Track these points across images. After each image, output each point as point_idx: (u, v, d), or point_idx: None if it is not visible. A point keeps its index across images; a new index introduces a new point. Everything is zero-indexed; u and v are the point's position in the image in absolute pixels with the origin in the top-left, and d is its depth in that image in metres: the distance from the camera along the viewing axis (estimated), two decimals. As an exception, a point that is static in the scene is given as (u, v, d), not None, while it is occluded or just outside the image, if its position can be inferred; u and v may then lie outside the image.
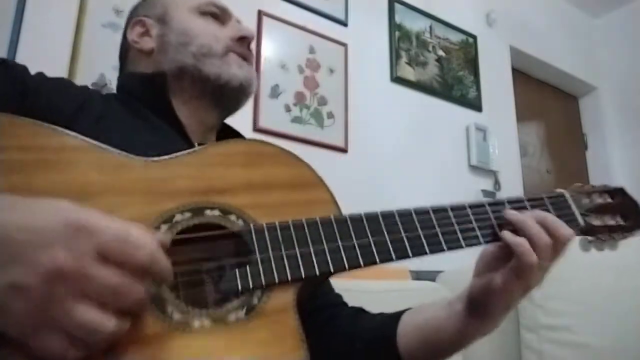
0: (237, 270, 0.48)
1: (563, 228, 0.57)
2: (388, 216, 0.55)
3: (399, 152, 2.20)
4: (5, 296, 0.35)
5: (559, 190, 0.64)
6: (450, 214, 0.58)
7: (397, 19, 2.38)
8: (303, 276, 0.48)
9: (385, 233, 0.54)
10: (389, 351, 0.65)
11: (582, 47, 3.36)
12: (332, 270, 0.50)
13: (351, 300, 0.77)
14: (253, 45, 1.99)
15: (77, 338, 0.36)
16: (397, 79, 2.29)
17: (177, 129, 0.71)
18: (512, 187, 2.60)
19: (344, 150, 2.01)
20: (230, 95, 0.75)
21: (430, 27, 2.53)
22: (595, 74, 3.36)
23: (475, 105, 2.57)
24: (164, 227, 0.47)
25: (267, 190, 0.53)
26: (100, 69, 1.50)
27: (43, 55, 1.35)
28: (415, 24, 2.46)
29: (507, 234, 0.57)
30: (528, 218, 0.57)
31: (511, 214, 0.58)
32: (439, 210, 0.58)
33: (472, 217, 0.58)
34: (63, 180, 0.46)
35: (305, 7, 2.05)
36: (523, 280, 0.55)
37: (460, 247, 0.56)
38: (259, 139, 0.58)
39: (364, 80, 2.19)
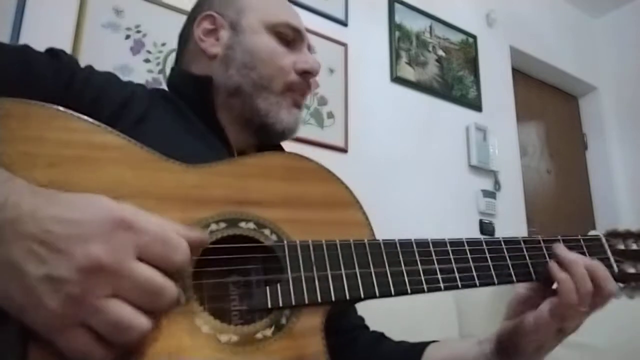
0: (267, 287, 0.47)
1: (611, 283, 0.56)
2: (422, 245, 0.54)
3: (399, 152, 2.20)
4: (40, 288, 0.34)
5: (595, 232, 0.64)
6: (485, 247, 0.57)
7: (397, 19, 2.38)
8: (333, 299, 0.48)
9: (419, 263, 0.53)
10: None
11: (582, 47, 3.36)
12: (362, 296, 0.49)
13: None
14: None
15: (105, 336, 0.35)
16: (397, 79, 2.29)
17: (220, 137, 0.70)
18: (512, 187, 2.60)
19: (344, 150, 2.01)
20: (270, 134, 0.74)
21: (430, 27, 2.52)
22: (595, 74, 3.36)
23: (475, 105, 2.57)
24: None
25: (303, 206, 0.53)
26: (100, 69, 1.50)
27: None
28: (415, 24, 2.45)
29: (554, 267, 0.56)
30: (579, 259, 0.56)
31: (563, 250, 0.57)
32: (473, 243, 0.57)
33: (507, 255, 0.57)
34: (100, 179, 0.45)
35: (305, 7, 2.05)
36: (556, 320, 0.54)
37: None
38: (298, 154, 0.57)
39: (364, 80, 2.19)
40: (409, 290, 0.51)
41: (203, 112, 0.70)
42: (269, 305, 0.46)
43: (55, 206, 0.37)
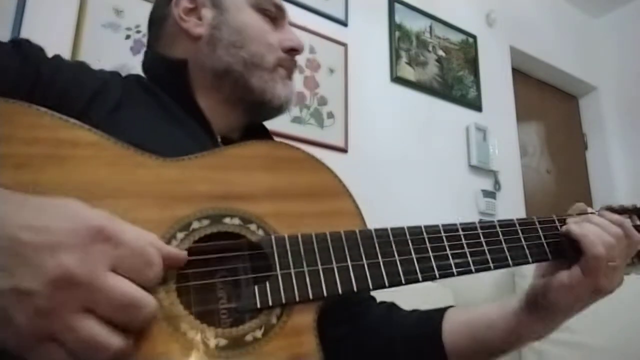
0: (256, 286, 0.45)
1: (631, 228, 0.56)
2: (416, 233, 0.52)
3: (399, 152, 2.20)
4: (7, 302, 0.31)
5: (590, 210, 0.63)
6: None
7: (397, 19, 2.38)
8: (325, 295, 0.46)
9: (413, 252, 0.51)
10: (434, 348, 0.61)
11: (582, 47, 3.36)
12: (355, 289, 0.47)
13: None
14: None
15: (78, 354, 0.33)
16: (397, 79, 2.29)
17: (200, 122, 0.66)
18: (512, 187, 2.60)
19: (344, 150, 2.01)
20: (267, 111, 0.73)
21: (430, 27, 2.52)
22: (595, 74, 3.35)
23: (475, 105, 2.57)
24: (180, 235, 0.44)
25: (289, 198, 0.50)
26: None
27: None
28: (415, 24, 2.45)
29: (572, 227, 0.56)
30: (591, 216, 0.58)
31: (573, 218, 0.58)
32: (468, 229, 0.55)
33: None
34: (73, 179, 0.42)
35: (305, 7, 2.05)
36: (591, 278, 0.53)
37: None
38: (283, 142, 0.55)
39: (364, 80, 2.19)
40: (403, 281, 0.49)
41: (181, 98, 0.67)
42: (258, 306, 0.44)
43: (24, 212, 0.34)
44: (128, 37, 1.58)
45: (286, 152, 0.53)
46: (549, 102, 3.27)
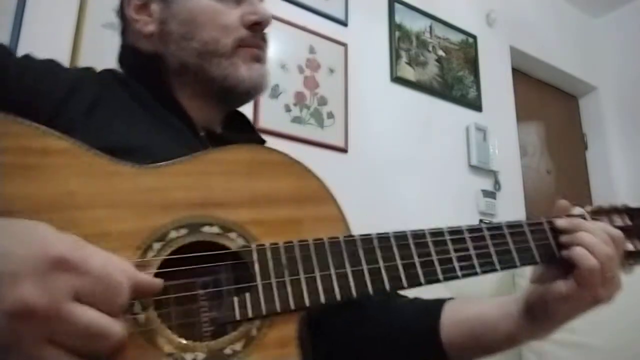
0: (235, 297, 0.44)
1: (619, 234, 0.54)
2: (401, 238, 0.50)
3: (398, 152, 2.20)
4: None
5: (579, 209, 0.62)
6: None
7: (397, 19, 2.38)
8: (307, 305, 0.44)
9: (398, 258, 0.49)
10: (431, 343, 0.60)
11: (582, 47, 3.36)
12: (339, 299, 0.46)
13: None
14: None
15: None
16: (397, 79, 2.29)
17: (180, 116, 0.63)
18: (512, 187, 2.60)
19: (344, 150, 2.01)
20: (236, 98, 0.69)
21: (430, 27, 2.52)
22: (595, 74, 3.35)
23: (475, 105, 2.57)
24: (156, 245, 0.42)
25: (271, 204, 0.48)
26: (100, 69, 1.50)
27: (43, 55, 1.34)
28: (415, 24, 2.45)
29: (564, 238, 0.54)
30: (582, 223, 0.54)
31: (564, 221, 0.55)
32: (454, 233, 0.54)
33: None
34: (44, 190, 0.39)
35: (305, 7, 2.04)
36: (587, 290, 0.51)
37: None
38: (265, 146, 0.52)
39: (364, 80, 2.19)
40: (387, 287, 0.48)
41: (159, 93, 0.63)
42: (238, 317, 0.42)
43: None
44: (128, 37, 1.58)
45: (268, 157, 0.51)
46: (549, 102, 3.27)
